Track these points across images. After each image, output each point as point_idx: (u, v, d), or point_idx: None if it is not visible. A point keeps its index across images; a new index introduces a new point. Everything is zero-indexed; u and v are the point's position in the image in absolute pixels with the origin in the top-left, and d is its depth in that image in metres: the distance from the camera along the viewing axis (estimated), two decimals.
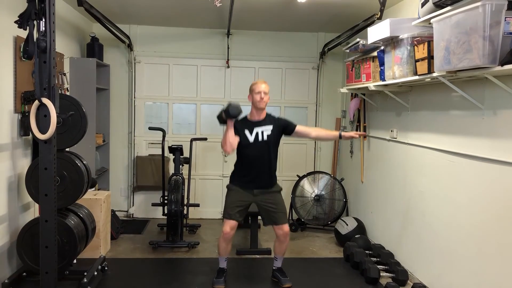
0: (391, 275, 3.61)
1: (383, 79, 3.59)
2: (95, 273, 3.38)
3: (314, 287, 3.55)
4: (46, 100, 2.39)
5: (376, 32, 3.42)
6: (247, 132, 3.40)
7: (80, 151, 3.68)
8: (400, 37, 3.15)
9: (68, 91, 4.35)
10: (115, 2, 4.33)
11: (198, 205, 5.06)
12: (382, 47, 3.54)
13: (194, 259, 4.12)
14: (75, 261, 3.44)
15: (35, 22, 2.42)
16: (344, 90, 4.67)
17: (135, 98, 5.49)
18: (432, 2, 2.65)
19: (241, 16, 4.66)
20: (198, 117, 5.61)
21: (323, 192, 5.14)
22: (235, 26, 5.15)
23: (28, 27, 2.43)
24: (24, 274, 3.26)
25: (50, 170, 2.46)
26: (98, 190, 4.65)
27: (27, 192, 3.21)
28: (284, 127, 3.49)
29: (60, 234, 3.00)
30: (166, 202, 4.53)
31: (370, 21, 3.91)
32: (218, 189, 5.53)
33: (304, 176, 5.24)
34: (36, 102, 2.41)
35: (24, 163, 3.49)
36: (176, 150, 4.58)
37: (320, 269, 3.96)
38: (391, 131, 4.06)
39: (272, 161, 3.46)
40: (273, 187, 3.50)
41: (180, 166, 4.63)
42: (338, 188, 5.18)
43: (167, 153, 4.90)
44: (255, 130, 3.41)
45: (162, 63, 5.49)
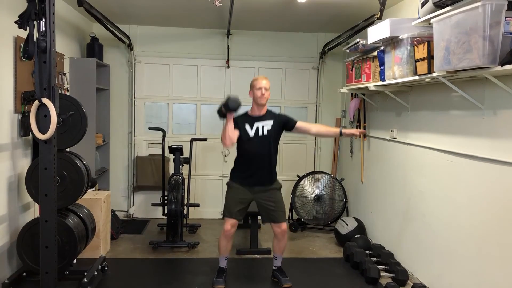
0: (391, 275, 3.61)
1: (383, 79, 3.59)
2: (95, 273, 3.38)
3: (314, 287, 3.55)
4: (46, 100, 2.39)
5: (376, 32, 3.42)
6: (247, 126, 3.40)
7: (80, 151, 3.68)
8: (400, 37, 3.15)
9: (68, 91, 4.35)
10: (115, 2, 4.33)
11: (198, 205, 5.06)
12: (382, 47, 3.54)
13: (194, 259, 4.12)
14: (75, 261, 3.44)
15: (35, 22, 2.42)
16: (344, 90, 4.67)
17: (135, 98, 5.49)
18: (432, 2, 2.64)
19: (241, 16, 4.66)
20: (198, 117, 5.61)
21: (323, 192, 5.14)
22: (235, 26, 5.15)
23: (28, 27, 2.43)
24: (24, 274, 3.26)
25: (50, 170, 2.46)
26: (98, 190, 4.65)
27: (27, 192, 3.21)
28: (284, 123, 3.48)
29: (60, 234, 3.00)
30: (166, 202, 4.53)
31: (370, 21, 3.91)
32: (218, 189, 5.53)
33: (304, 176, 5.24)
34: (36, 102, 2.41)
35: (24, 163, 3.49)
36: (176, 150, 4.58)
37: (320, 269, 3.96)
38: (391, 131, 4.06)
39: (272, 156, 3.45)
40: (273, 184, 3.50)
41: (180, 166, 4.63)
42: (338, 188, 5.18)
43: (167, 153, 4.89)
44: (256, 124, 3.41)
45: (162, 63, 5.49)
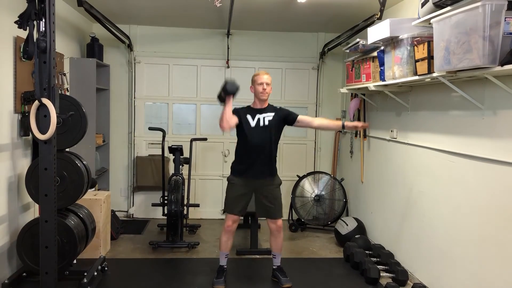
0: (391, 275, 3.61)
1: (383, 79, 3.59)
2: (95, 273, 3.38)
3: (314, 287, 3.55)
4: (46, 101, 2.38)
5: (376, 32, 3.42)
6: (249, 117, 3.43)
7: (80, 151, 3.68)
8: (400, 37, 3.15)
9: (68, 91, 4.35)
10: (115, 2, 4.33)
11: (198, 205, 5.06)
12: (382, 47, 3.54)
13: (194, 259, 4.12)
14: (75, 261, 3.44)
15: (35, 23, 2.42)
16: (344, 90, 4.67)
17: (135, 98, 5.49)
18: (432, 2, 2.64)
19: (241, 16, 4.66)
20: (198, 117, 5.61)
21: (323, 192, 5.14)
22: (235, 26, 5.15)
23: (28, 27, 2.43)
24: (24, 274, 3.26)
25: (50, 171, 2.46)
26: (98, 190, 4.65)
27: (27, 192, 3.21)
28: (286, 116, 3.49)
29: (60, 234, 3.00)
30: (166, 202, 4.53)
31: (370, 21, 3.91)
32: (218, 189, 5.53)
33: (304, 176, 5.24)
34: (36, 102, 2.41)
35: (24, 163, 3.49)
36: (176, 150, 4.58)
37: (320, 269, 3.96)
38: (391, 131, 4.06)
39: (273, 147, 3.46)
40: (273, 178, 3.51)
41: (180, 166, 4.63)
42: (338, 188, 5.18)
43: (167, 153, 4.89)
44: (257, 116, 3.43)
45: (162, 63, 5.49)
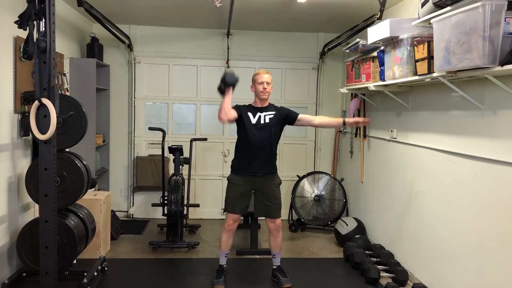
0: (391, 275, 3.61)
1: (383, 79, 3.59)
2: (95, 273, 3.38)
3: (314, 287, 3.55)
4: (46, 101, 2.38)
5: (376, 32, 3.42)
6: (250, 114, 3.44)
7: (80, 152, 3.68)
8: (400, 37, 3.15)
9: (68, 91, 4.35)
10: (115, 2, 4.33)
11: (198, 205, 5.06)
12: (382, 47, 3.54)
13: (194, 259, 4.12)
14: (75, 261, 3.44)
15: (35, 23, 2.41)
16: (344, 90, 4.67)
17: (135, 98, 5.49)
18: (432, 2, 2.64)
19: (241, 16, 4.66)
20: (198, 117, 5.60)
21: (323, 193, 5.14)
22: (235, 26, 5.14)
23: (28, 28, 2.43)
24: (24, 274, 3.26)
25: (50, 171, 2.46)
26: (98, 190, 4.65)
27: (27, 193, 3.21)
28: (286, 115, 3.50)
29: (60, 234, 2.99)
30: (166, 202, 4.53)
31: (370, 21, 3.91)
32: (218, 189, 5.53)
33: (304, 176, 5.24)
34: (36, 103, 2.41)
35: (24, 163, 3.49)
36: (176, 150, 4.58)
37: (320, 269, 3.96)
38: (391, 131, 4.06)
39: (273, 145, 3.47)
40: (273, 176, 3.52)
41: (180, 167, 4.63)
42: (338, 188, 5.18)
43: (167, 153, 4.89)
44: (258, 114, 3.45)
45: (162, 63, 5.49)
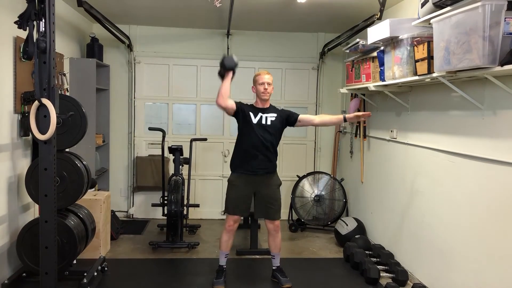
0: (391, 275, 3.61)
1: (383, 80, 3.59)
2: (95, 273, 3.38)
3: (314, 287, 3.55)
4: (46, 101, 2.38)
5: (376, 33, 3.42)
6: (251, 114, 3.44)
7: (80, 152, 3.68)
8: (400, 37, 3.15)
9: (68, 91, 4.35)
10: (115, 2, 4.33)
11: (198, 205, 5.06)
12: (382, 48, 3.54)
13: (194, 259, 4.12)
14: (75, 261, 3.44)
15: (35, 23, 2.41)
16: (344, 90, 4.67)
17: (135, 98, 5.49)
18: (432, 2, 2.64)
19: (241, 16, 4.66)
20: (198, 117, 5.60)
21: (323, 193, 5.14)
22: (235, 26, 5.14)
23: (28, 28, 2.42)
24: (24, 274, 3.26)
25: (50, 171, 2.46)
26: (98, 190, 4.65)
27: (27, 193, 3.21)
28: (287, 117, 3.51)
29: (60, 234, 2.99)
30: (166, 202, 4.53)
31: (370, 21, 3.91)
32: (218, 189, 5.53)
33: (304, 177, 5.24)
34: (36, 103, 2.41)
35: (24, 163, 3.48)
36: (176, 151, 4.58)
37: (320, 269, 3.96)
38: (391, 131, 4.06)
39: (274, 144, 3.48)
40: (273, 175, 3.52)
41: (180, 167, 4.63)
42: (338, 188, 5.18)
43: (167, 153, 4.89)
44: (260, 114, 3.46)
45: (162, 63, 5.49)
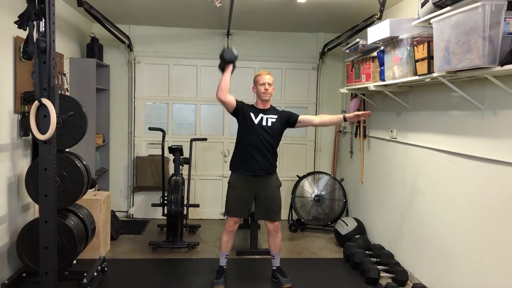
0: (391, 275, 3.61)
1: (383, 79, 3.59)
2: (95, 273, 3.38)
3: (314, 287, 3.55)
4: (46, 101, 2.38)
5: (376, 32, 3.42)
6: (252, 114, 3.45)
7: (80, 152, 3.68)
8: (400, 37, 3.15)
9: (68, 91, 4.35)
10: (115, 2, 4.33)
11: (198, 205, 5.05)
12: (382, 47, 3.54)
13: (194, 259, 4.12)
14: (75, 261, 3.44)
15: (35, 23, 2.41)
16: (344, 90, 4.67)
17: (135, 98, 5.49)
18: (432, 2, 2.64)
19: (241, 16, 4.66)
20: (198, 117, 5.60)
21: (323, 193, 5.14)
22: (235, 26, 5.14)
23: (28, 28, 2.42)
24: (24, 274, 3.26)
25: (50, 171, 2.46)
26: (98, 190, 4.65)
27: (27, 193, 3.21)
28: (288, 118, 3.52)
29: (60, 234, 2.99)
30: (166, 202, 4.53)
31: (370, 21, 3.91)
32: (218, 189, 5.53)
33: (304, 177, 5.24)
34: (36, 103, 2.40)
35: (24, 163, 3.48)
36: (176, 151, 4.58)
37: (320, 269, 3.96)
38: (391, 131, 4.06)
39: (274, 145, 3.48)
40: (273, 176, 3.52)
41: (180, 167, 4.63)
42: (338, 188, 5.18)
43: (167, 153, 4.89)
44: (260, 115, 3.46)
45: (162, 63, 5.49)
